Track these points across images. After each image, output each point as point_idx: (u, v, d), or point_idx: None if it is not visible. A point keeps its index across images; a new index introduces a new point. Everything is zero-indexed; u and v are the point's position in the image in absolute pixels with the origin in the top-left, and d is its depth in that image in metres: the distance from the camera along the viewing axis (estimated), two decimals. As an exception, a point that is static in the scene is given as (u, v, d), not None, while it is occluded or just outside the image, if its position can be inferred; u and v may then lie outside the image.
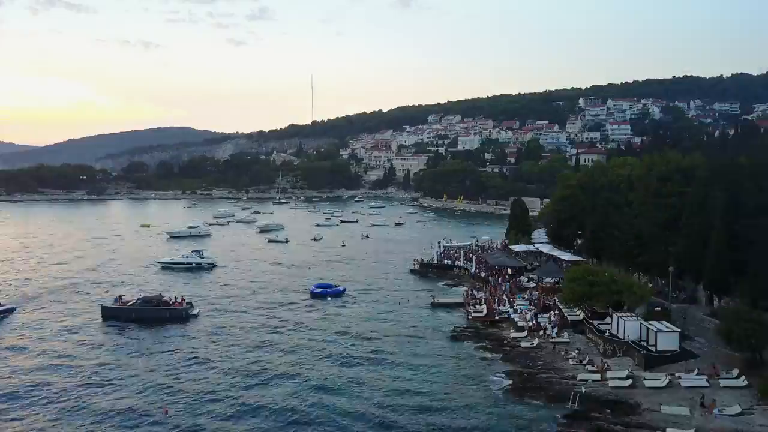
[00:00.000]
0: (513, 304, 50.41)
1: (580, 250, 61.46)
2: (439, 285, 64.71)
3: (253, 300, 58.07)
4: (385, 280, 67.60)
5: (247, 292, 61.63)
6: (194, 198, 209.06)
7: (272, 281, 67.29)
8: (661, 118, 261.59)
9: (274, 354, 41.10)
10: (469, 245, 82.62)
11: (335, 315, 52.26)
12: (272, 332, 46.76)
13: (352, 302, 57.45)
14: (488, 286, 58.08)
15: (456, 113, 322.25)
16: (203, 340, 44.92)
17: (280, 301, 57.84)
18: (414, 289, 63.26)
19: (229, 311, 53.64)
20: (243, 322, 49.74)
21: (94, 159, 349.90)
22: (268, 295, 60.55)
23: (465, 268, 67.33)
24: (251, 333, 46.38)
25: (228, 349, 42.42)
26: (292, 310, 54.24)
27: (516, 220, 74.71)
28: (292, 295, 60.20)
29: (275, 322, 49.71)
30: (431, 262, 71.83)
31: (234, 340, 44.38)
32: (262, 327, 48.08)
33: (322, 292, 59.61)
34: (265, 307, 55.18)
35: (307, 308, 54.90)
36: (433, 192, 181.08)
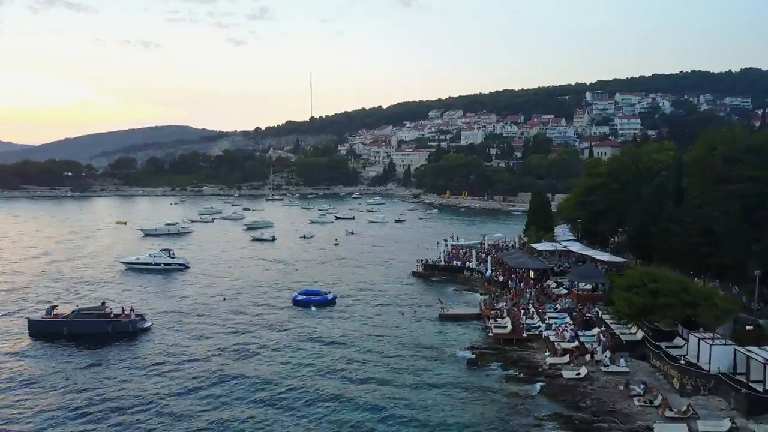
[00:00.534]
0: (544, 317, 40.00)
1: (619, 248, 51.04)
2: (447, 291, 54.33)
3: (223, 309, 47.74)
4: (382, 285, 57.25)
5: (217, 299, 51.30)
6: (184, 195, 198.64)
7: (250, 286, 56.95)
8: (672, 112, 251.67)
9: (233, 393, 30.63)
10: (479, 244, 72.16)
11: (320, 331, 41.85)
12: (237, 356, 36.32)
13: (342, 313, 47.07)
14: (509, 293, 47.61)
15: (458, 108, 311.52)
16: (146, 364, 34.59)
17: (255, 311, 47.50)
18: (418, 295, 52.90)
19: (190, 324, 43.26)
20: (202, 340, 39.39)
21: (89, 157, 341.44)
22: (242, 302, 50.23)
23: (478, 270, 56.93)
24: (209, 358, 35.93)
25: (173, 380, 32.02)
26: (267, 323, 43.83)
27: (536, 214, 64.21)
28: (270, 304, 49.90)
29: (243, 341, 39.27)
30: (437, 263, 61.47)
31: (184, 369, 33.92)
32: (225, 348, 37.61)
33: (305, 300, 49.28)
34: (234, 319, 44.81)
35: (287, 321, 44.49)
36: (436, 188, 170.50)
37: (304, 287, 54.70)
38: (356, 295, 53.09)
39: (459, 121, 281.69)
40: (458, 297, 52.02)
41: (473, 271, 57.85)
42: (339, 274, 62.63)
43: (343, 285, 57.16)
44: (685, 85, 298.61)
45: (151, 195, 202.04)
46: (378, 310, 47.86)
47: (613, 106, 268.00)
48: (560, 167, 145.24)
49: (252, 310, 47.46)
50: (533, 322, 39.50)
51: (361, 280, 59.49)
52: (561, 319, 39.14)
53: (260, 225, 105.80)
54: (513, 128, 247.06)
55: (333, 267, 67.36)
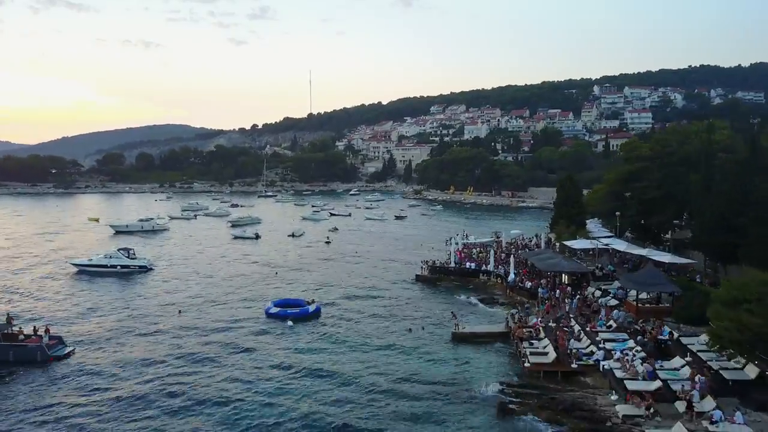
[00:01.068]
0: (595, 339, 29.52)
1: (677, 246, 40.54)
2: (460, 300, 43.81)
3: (176, 326, 37.32)
4: (380, 293, 46.79)
5: (173, 310, 40.90)
6: (173, 191, 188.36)
7: (218, 293, 46.54)
8: (684, 106, 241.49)
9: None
10: (493, 242, 61.64)
11: (298, 356, 31.45)
12: (177, 400, 25.86)
13: (327, 330, 36.62)
14: (542, 303, 37.08)
15: (460, 103, 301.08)
16: (44, 414, 24.19)
17: (216, 326, 37.08)
18: (424, 306, 42.41)
19: (127, 348, 32.89)
20: (135, 371, 28.99)
21: (84, 155, 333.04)
22: (203, 316, 39.82)
23: (497, 274, 46.41)
24: (139, 400, 25.53)
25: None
26: (229, 345, 33.39)
27: (565, 205, 53.57)
28: (238, 317, 39.48)
29: (191, 373, 28.86)
30: (446, 265, 50.95)
31: (99, 420, 23.53)
32: (163, 387, 27.15)
33: (281, 313, 38.86)
34: (187, 339, 34.43)
35: (254, 342, 34.06)
36: (439, 183, 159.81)
37: (283, 295, 44.42)
38: (347, 305, 42.65)
39: (462, 116, 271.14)
40: (474, 309, 41.48)
41: (491, 275, 47.34)
42: (328, 279, 52.18)
43: (331, 292, 46.74)
44: (694, 79, 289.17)
45: (139, 192, 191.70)
46: (374, 325, 37.41)
47: (622, 99, 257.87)
48: (573, 160, 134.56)
49: (212, 326, 37.01)
50: (582, 345, 29.01)
51: (354, 286, 49.04)
52: (621, 343, 28.62)
53: (246, 222, 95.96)
54: (519, 122, 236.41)
55: (322, 269, 56.89)
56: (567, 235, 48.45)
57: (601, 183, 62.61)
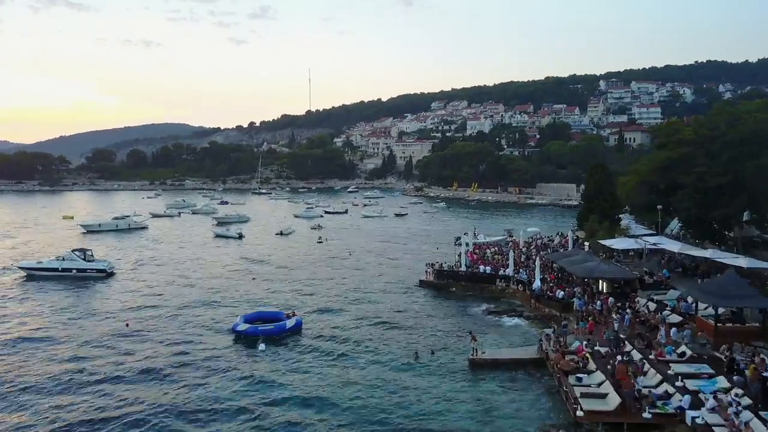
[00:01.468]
0: (667, 372, 21.59)
1: (745, 245, 32.58)
2: (475, 312, 35.83)
3: (118, 347, 29.46)
4: (377, 302, 38.88)
5: (120, 325, 33.04)
6: (164, 189, 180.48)
7: (181, 303, 38.66)
8: (693, 101, 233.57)
9: None
10: (509, 242, 53.69)
11: (269, 393, 23.55)
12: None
13: (306, 354, 28.67)
14: (584, 320, 29.01)
15: (462, 99, 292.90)
16: None
17: (166, 348, 29.15)
18: (430, 320, 34.47)
19: (47, 379, 24.96)
20: (51, 416, 21.10)
21: (80, 154, 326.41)
22: (154, 332, 31.96)
23: (518, 280, 38.42)
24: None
25: None
26: (180, 376, 25.49)
27: (597, 197, 45.42)
28: (198, 335, 31.56)
29: (122, 420, 20.91)
30: (455, 268, 42.95)
31: None
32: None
33: (251, 330, 30.91)
34: (128, 366, 26.56)
35: (214, 369, 26.15)
36: (441, 180, 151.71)
37: (258, 307, 36.49)
38: (336, 318, 34.71)
39: (464, 112, 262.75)
40: (492, 324, 33.48)
41: (510, 281, 39.35)
42: (315, 284, 44.24)
43: (318, 301, 38.81)
44: (701, 75, 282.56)
45: (128, 189, 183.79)
46: (369, 347, 29.47)
47: (629, 94, 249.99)
48: (585, 154, 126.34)
49: (164, 350, 29.04)
50: (651, 383, 21.07)
51: (346, 294, 41.09)
52: (707, 381, 20.69)
53: (233, 219, 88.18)
54: (523, 117, 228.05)
55: (309, 273, 48.92)
56: (602, 232, 40.43)
57: (627, 175, 54.65)
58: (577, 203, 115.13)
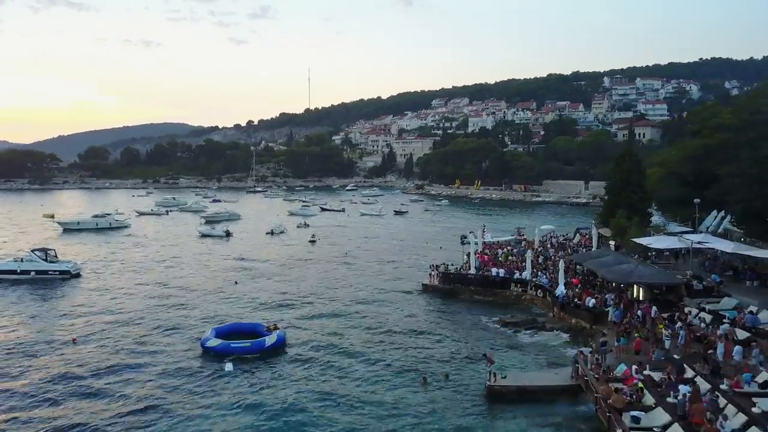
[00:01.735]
0: (752, 412, 16.33)
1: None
2: (487, 325, 30.59)
3: (58, 362, 24.31)
4: (374, 311, 33.69)
5: (67, 340, 27.86)
6: (158, 187, 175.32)
7: (149, 310, 33.50)
8: (700, 97, 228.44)
9: None
10: (522, 240, 48.46)
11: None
12: None
13: (285, 376, 23.49)
14: (626, 335, 23.68)
15: (463, 97, 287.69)
16: None
17: (118, 370, 23.94)
18: (435, 333, 29.26)
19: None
20: None
21: (77, 153, 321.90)
22: (111, 346, 26.82)
23: (539, 284, 33.19)
24: None
25: None
26: (125, 407, 20.27)
27: (624, 190, 40.00)
28: (159, 350, 26.36)
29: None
30: (463, 271, 37.74)
31: None
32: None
33: (222, 347, 25.70)
34: (56, 389, 21.30)
35: (170, 400, 20.87)
36: (443, 177, 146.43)
37: (235, 318, 31.32)
38: (325, 330, 29.50)
39: (465, 109, 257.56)
40: (510, 339, 28.25)
41: (527, 286, 34.12)
42: (305, 289, 39.04)
43: (306, 310, 33.63)
44: (706, 72, 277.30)
45: (120, 188, 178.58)
46: (365, 368, 24.27)
47: (634, 91, 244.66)
48: (593, 149, 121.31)
49: (114, 378, 23.79)
50: (736, 425, 15.82)
51: (338, 301, 35.88)
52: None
53: (222, 217, 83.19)
54: (526, 114, 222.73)
55: (299, 277, 43.72)
56: (634, 229, 35.16)
57: (650, 167, 49.39)
58: (586, 201, 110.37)
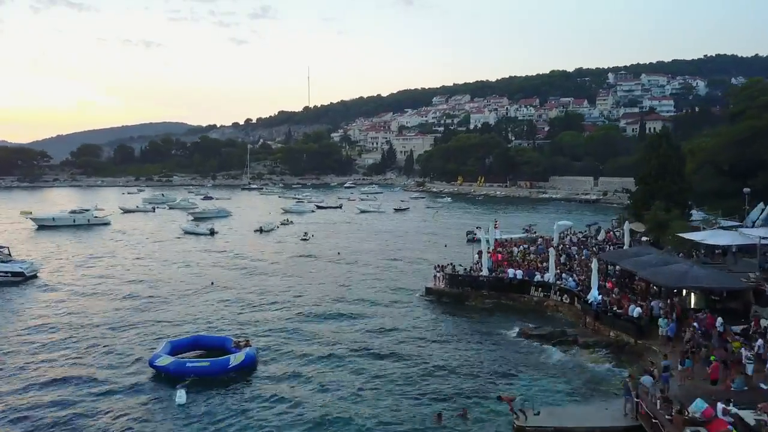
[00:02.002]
0: None
1: None
2: (505, 336, 25.36)
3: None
4: (369, 318, 28.47)
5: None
6: (151, 185, 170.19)
7: (104, 317, 28.34)
8: (707, 93, 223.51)
9: None
10: (539, 237, 43.18)
11: None
12: None
13: (253, 408, 18.19)
14: (688, 356, 18.39)
15: (464, 94, 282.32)
16: None
17: (40, 395, 18.68)
18: (444, 348, 24.07)
19: None
20: None
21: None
22: (42, 364, 21.57)
23: (565, 288, 27.93)
24: None
25: None
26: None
27: (661, 177, 34.52)
28: (96, 371, 21.17)
29: None
30: (474, 272, 32.46)
31: None
32: None
33: (175, 367, 20.42)
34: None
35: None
36: (445, 174, 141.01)
37: (205, 325, 26.16)
38: (307, 346, 24.23)
39: (466, 106, 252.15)
40: (537, 356, 23.02)
41: (551, 290, 28.86)
42: (289, 293, 33.82)
43: (287, 319, 28.39)
44: (711, 69, 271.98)
45: (112, 185, 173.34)
46: (359, 399, 19.03)
47: (639, 87, 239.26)
48: (602, 144, 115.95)
49: (37, 389, 18.60)
50: None
51: (328, 307, 30.65)
52: None
53: (210, 214, 78.25)
54: (529, 110, 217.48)
55: (285, 278, 38.50)
56: (676, 223, 29.87)
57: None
58: (596, 198, 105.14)
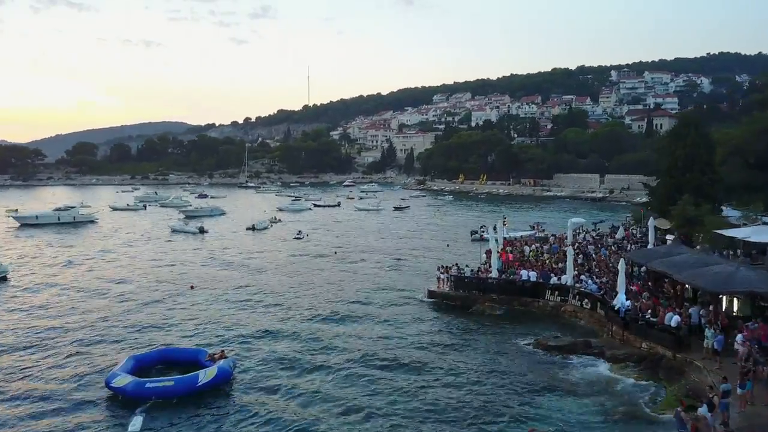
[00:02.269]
0: None
1: None
2: (520, 348, 22.21)
3: None
4: (365, 325, 25.35)
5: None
6: (147, 183, 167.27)
7: (65, 327, 25.23)
8: (712, 91, 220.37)
9: None
10: (551, 235, 40.08)
11: None
12: None
13: (229, 425, 15.10)
14: (748, 379, 15.25)
15: (464, 92, 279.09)
16: None
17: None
18: (453, 361, 20.91)
19: None
20: None
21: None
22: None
23: (585, 292, 24.78)
24: None
25: None
26: None
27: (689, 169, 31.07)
28: (52, 390, 17.99)
29: None
30: (482, 274, 29.30)
31: None
32: None
33: (134, 389, 17.22)
34: None
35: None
36: (446, 172, 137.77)
37: (178, 335, 23.08)
38: (294, 361, 21.07)
39: (467, 104, 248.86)
40: (554, 366, 19.89)
41: (569, 293, 25.72)
42: (277, 297, 30.69)
43: (276, 324, 25.28)
44: (714, 67, 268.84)
45: (108, 184, 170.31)
46: (347, 413, 15.91)
47: (643, 85, 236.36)
48: (608, 140, 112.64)
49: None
50: None
51: (318, 314, 27.50)
52: None
53: (203, 213, 75.38)
54: (531, 108, 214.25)
55: (274, 280, 35.34)
56: (711, 219, 26.69)
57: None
58: (603, 195, 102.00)
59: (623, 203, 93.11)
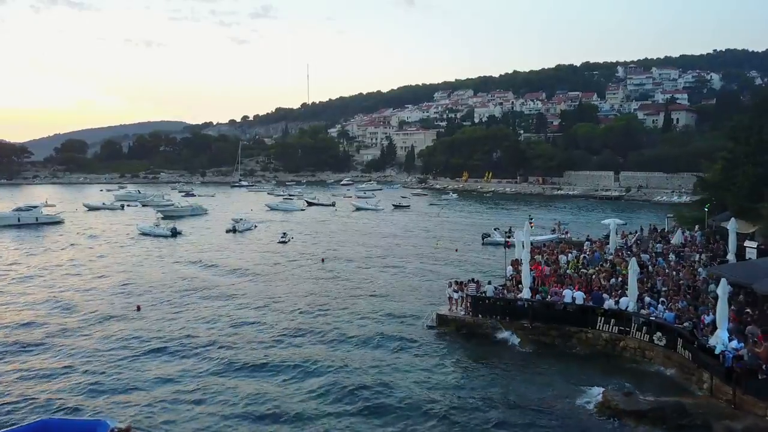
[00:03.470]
0: None
1: None
2: (573, 406, 15.19)
3: None
4: (352, 369, 18.27)
5: None
6: (137, 182, 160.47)
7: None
8: (722, 87, 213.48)
9: None
10: (586, 240, 33.07)
11: None
12: None
13: None
14: None
15: (467, 89, 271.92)
16: None
17: None
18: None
19: None
20: None
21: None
22: None
23: (657, 323, 17.76)
24: None
25: None
26: None
27: (759, 152, 24.09)
28: None
29: None
30: (507, 293, 22.27)
31: None
32: None
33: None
34: None
35: None
36: (448, 170, 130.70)
37: (91, 382, 16.02)
38: (250, 415, 14.10)
39: (470, 100, 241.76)
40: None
41: (630, 324, 18.72)
42: (242, 320, 23.67)
43: (224, 366, 18.23)
44: (722, 63, 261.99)
45: (96, 182, 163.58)
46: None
47: (651, 81, 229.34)
48: (622, 135, 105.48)
49: None
50: None
51: (292, 347, 20.48)
52: None
53: (184, 212, 69.28)
54: (536, 104, 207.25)
55: (241, 296, 28.34)
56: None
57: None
58: (619, 194, 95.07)
59: (641, 202, 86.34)
